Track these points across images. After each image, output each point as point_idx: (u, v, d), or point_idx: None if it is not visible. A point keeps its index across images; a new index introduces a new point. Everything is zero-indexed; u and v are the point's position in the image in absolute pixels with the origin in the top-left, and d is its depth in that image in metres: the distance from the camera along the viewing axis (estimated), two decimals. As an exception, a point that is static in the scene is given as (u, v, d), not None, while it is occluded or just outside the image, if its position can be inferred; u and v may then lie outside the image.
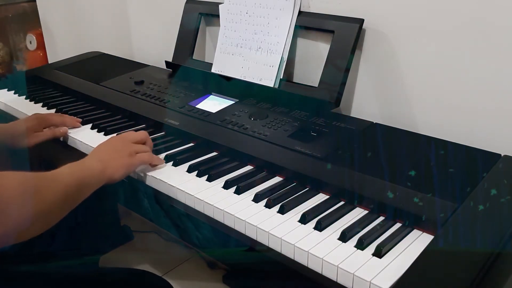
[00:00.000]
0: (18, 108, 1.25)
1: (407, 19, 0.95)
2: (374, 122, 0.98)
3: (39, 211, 0.66)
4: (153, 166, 0.89)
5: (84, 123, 1.11)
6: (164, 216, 0.92)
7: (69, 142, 1.06)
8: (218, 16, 1.24)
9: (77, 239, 1.16)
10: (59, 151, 1.06)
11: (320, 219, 0.71)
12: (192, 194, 0.80)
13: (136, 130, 1.06)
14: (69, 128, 1.07)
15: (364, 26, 1.00)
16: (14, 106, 1.26)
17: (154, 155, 0.90)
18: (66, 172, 0.75)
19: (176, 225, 0.93)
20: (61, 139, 1.07)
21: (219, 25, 1.24)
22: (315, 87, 1.05)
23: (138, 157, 0.86)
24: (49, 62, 1.97)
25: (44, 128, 1.05)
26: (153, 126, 1.08)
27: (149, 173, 0.88)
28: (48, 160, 1.11)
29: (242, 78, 1.17)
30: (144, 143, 0.91)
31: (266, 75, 1.13)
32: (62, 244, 1.09)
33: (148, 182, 0.88)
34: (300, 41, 1.13)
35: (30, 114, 1.19)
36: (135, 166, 0.86)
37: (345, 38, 1.01)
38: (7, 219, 0.61)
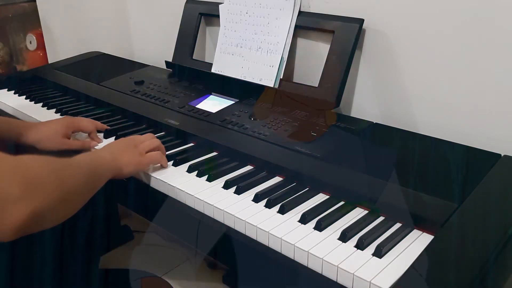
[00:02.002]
0: (18, 108, 1.25)
1: (407, 19, 0.95)
2: (374, 122, 0.98)
3: (68, 191, 0.68)
4: (163, 167, 0.90)
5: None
6: (164, 216, 0.92)
7: None
8: (218, 16, 1.24)
9: (77, 239, 1.16)
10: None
11: (320, 219, 0.71)
12: (192, 194, 0.80)
13: (136, 131, 1.07)
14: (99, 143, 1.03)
15: (364, 26, 1.00)
16: (14, 106, 1.26)
17: (164, 157, 0.90)
18: (83, 160, 0.78)
19: (176, 225, 0.93)
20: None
21: (219, 25, 1.24)
22: (315, 87, 1.05)
23: (148, 156, 0.88)
24: (49, 62, 1.97)
25: (73, 132, 1.03)
26: (153, 126, 1.08)
27: (149, 173, 0.88)
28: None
29: (242, 78, 1.17)
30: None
31: (266, 75, 1.13)
32: (62, 244, 1.09)
33: (148, 182, 0.88)
34: (300, 41, 1.13)
35: (30, 114, 1.20)
36: (145, 164, 0.87)
37: (345, 38, 1.01)
38: (44, 197, 0.62)
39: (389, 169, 0.80)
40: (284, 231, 0.69)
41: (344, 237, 0.67)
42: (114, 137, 1.04)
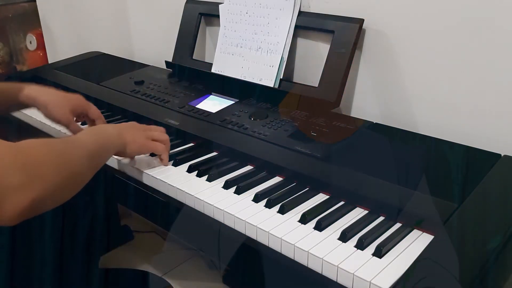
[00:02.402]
0: (18, 108, 1.24)
1: (407, 19, 0.95)
2: (374, 122, 0.98)
3: (69, 174, 0.68)
4: (161, 161, 0.90)
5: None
6: (163, 216, 0.92)
7: None
8: (218, 16, 1.24)
9: (77, 239, 1.16)
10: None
11: (320, 219, 0.71)
12: (192, 194, 0.80)
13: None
14: None
15: (364, 26, 1.00)
16: (14, 106, 1.26)
17: (167, 153, 0.91)
18: (87, 137, 0.78)
19: (176, 225, 0.93)
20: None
21: (219, 25, 1.24)
22: (315, 87, 1.05)
23: (153, 143, 0.88)
24: (49, 62, 1.97)
25: (78, 116, 1.01)
26: (153, 126, 1.08)
27: (149, 173, 0.88)
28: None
29: (242, 78, 1.17)
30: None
31: (266, 75, 1.13)
32: (62, 244, 1.09)
33: (148, 182, 0.88)
34: (300, 41, 1.13)
35: (30, 114, 1.19)
36: (148, 148, 0.88)
37: (345, 38, 1.01)
38: (44, 183, 0.63)
39: (389, 169, 0.80)
40: (284, 231, 0.69)
41: (344, 237, 0.67)
42: None
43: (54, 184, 0.64)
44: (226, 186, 0.82)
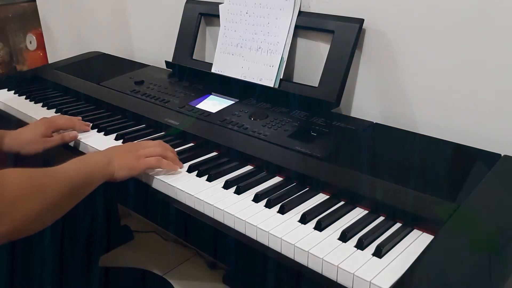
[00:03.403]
0: (18, 108, 1.25)
1: (407, 19, 0.95)
2: (374, 122, 0.98)
3: (46, 206, 0.67)
4: (165, 169, 0.87)
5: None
6: (163, 216, 0.92)
7: (81, 148, 1.04)
8: (218, 16, 1.24)
9: (77, 239, 1.16)
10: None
11: (320, 219, 0.71)
12: (192, 194, 0.80)
13: (136, 131, 1.07)
14: (79, 133, 1.05)
15: (364, 26, 1.00)
16: (14, 106, 1.26)
17: (164, 160, 0.87)
18: (71, 167, 0.76)
19: (176, 225, 0.93)
20: (72, 144, 1.04)
21: (219, 25, 1.24)
22: (315, 87, 1.05)
23: (144, 161, 0.86)
24: (49, 62, 1.97)
25: (53, 133, 1.03)
26: (153, 126, 1.08)
27: (149, 173, 0.88)
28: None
29: (242, 78, 1.17)
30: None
31: (266, 75, 1.13)
32: (62, 244, 1.09)
33: (148, 182, 0.88)
34: (300, 41, 1.13)
35: (30, 114, 1.20)
36: (139, 169, 0.86)
37: (345, 38, 1.01)
38: (16, 215, 0.62)
39: (389, 169, 0.80)
40: (284, 231, 0.69)
41: (344, 237, 0.67)
42: (115, 134, 1.04)
43: (34, 213, 0.65)
44: (226, 186, 0.82)
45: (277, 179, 0.85)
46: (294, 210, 0.75)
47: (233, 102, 1.12)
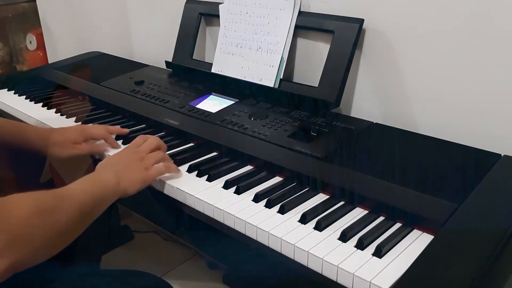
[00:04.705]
0: (18, 108, 1.25)
1: (407, 19, 0.95)
2: (374, 122, 0.98)
3: (55, 233, 0.64)
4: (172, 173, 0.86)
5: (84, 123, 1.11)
6: (163, 216, 0.92)
7: None
8: (218, 16, 1.24)
9: (77, 239, 1.16)
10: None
11: (320, 219, 0.71)
12: (192, 194, 0.80)
13: (136, 131, 1.06)
14: (108, 147, 0.99)
15: (364, 26, 1.00)
16: (14, 106, 1.27)
17: (171, 164, 0.86)
18: (80, 188, 0.72)
19: (176, 225, 0.93)
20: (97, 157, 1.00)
21: (219, 25, 1.24)
22: (315, 87, 1.05)
23: (155, 169, 0.83)
24: (49, 62, 1.97)
25: (84, 141, 0.97)
26: (153, 126, 1.08)
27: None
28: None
29: (242, 78, 1.17)
30: (158, 149, 0.88)
31: (266, 75, 1.13)
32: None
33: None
34: (300, 41, 1.13)
35: (30, 114, 1.20)
36: (152, 179, 0.83)
37: (345, 38, 1.01)
38: (23, 245, 0.59)
39: (389, 169, 0.80)
40: (284, 231, 0.69)
41: (344, 237, 0.67)
42: (121, 140, 1.02)
43: (38, 244, 0.61)
44: (226, 186, 0.82)
45: (277, 179, 0.85)
46: (294, 210, 0.75)
47: (233, 102, 1.12)
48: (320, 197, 0.79)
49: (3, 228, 0.57)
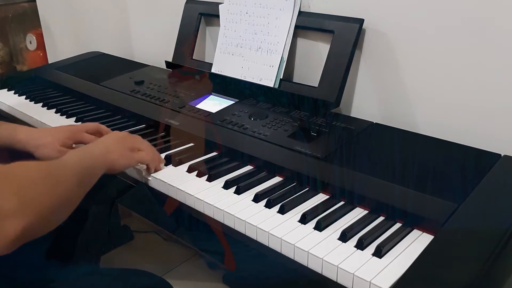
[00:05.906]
0: (18, 108, 1.25)
1: (407, 19, 0.95)
2: (374, 122, 0.98)
3: (60, 196, 0.66)
4: (148, 170, 0.88)
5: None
6: (163, 216, 0.92)
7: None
8: (218, 16, 1.24)
9: (77, 239, 1.16)
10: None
11: (320, 219, 0.71)
12: (192, 194, 0.80)
13: (136, 131, 1.06)
14: None
15: (364, 26, 1.00)
16: (14, 106, 1.26)
17: (155, 159, 0.89)
18: (74, 159, 0.75)
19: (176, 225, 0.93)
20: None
21: (219, 25, 1.24)
22: (315, 87, 1.05)
23: (139, 154, 0.87)
24: (49, 62, 1.97)
25: (75, 143, 0.97)
26: (153, 126, 1.08)
27: (150, 173, 0.88)
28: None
29: (242, 78, 1.17)
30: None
31: (266, 75, 1.13)
32: (62, 244, 1.09)
33: (148, 182, 0.88)
34: (300, 41, 1.13)
35: (30, 114, 1.20)
36: (135, 160, 0.86)
37: (345, 38, 1.01)
38: (37, 207, 0.61)
39: (389, 169, 0.80)
40: (284, 231, 0.69)
41: (344, 237, 0.67)
42: None
43: (46, 208, 0.63)
44: (226, 186, 0.82)
45: (277, 179, 0.85)
46: (294, 210, 0.75)
47: (233, 102, 1.12)
48: (320, 197, 0.79)
49: (14, 190, 0.59)
